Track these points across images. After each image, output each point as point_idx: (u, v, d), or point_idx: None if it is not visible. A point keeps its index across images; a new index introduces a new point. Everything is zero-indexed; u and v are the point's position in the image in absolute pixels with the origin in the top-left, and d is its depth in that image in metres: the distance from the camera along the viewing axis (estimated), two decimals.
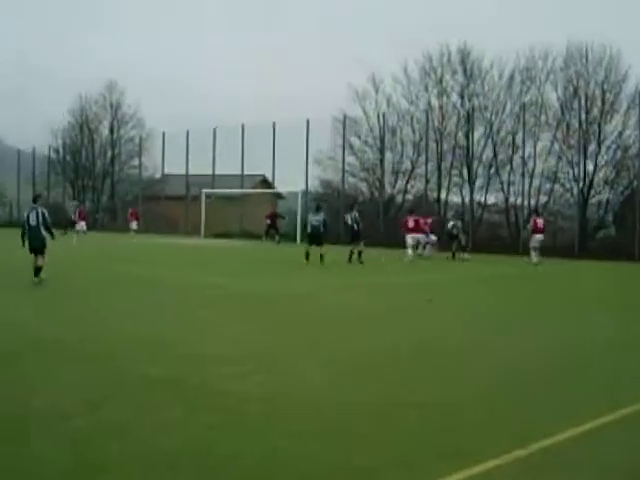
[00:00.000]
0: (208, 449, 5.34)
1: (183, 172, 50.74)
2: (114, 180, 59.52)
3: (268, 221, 40.54)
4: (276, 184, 47.96)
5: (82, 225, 38.76)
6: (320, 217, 23.72)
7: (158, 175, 55.16)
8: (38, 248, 15.79)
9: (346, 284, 18.15)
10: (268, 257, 28.26)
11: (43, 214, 15.96)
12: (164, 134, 51.98)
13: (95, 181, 60.25)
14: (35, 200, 16.71)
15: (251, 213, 46.40)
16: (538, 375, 8.07)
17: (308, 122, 42.91)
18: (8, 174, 64.08)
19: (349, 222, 25.47)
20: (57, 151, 61.21)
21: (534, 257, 26.57)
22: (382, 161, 42.77)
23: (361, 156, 44.66)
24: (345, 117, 43.12)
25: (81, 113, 61.04)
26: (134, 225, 43.12)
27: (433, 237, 30.44)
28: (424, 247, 29.31)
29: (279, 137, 44.98)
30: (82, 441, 5.47)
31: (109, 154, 60.08)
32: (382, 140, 42.92)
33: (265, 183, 50.79)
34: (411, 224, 27.74)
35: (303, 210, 41.93)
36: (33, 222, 15.87)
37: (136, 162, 57.16)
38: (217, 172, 48.51)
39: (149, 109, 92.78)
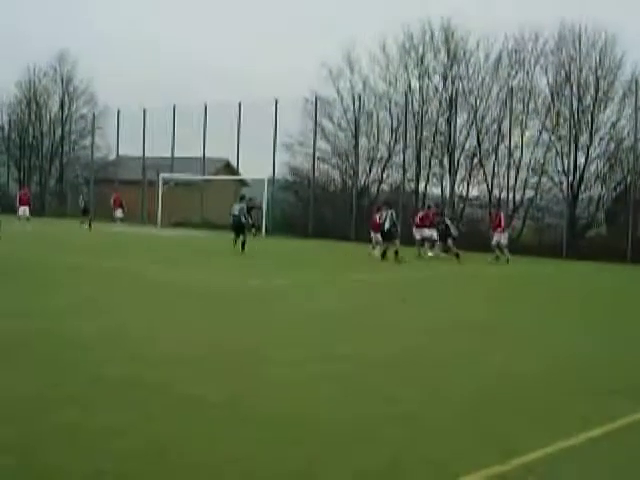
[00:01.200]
0: (163, 457, 5.15)
1: (139, 154, 48.71)
2: (63, 161, 57.30)
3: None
4: (241, 170, 46.50)
5: (24, 210, 37.07)
6: (240, 206, 25.45)
7: (112, 157, 53.01)
8: None
9: (329, 280, 17.89)
10: (227, 250, 26.97)
11: None
12: (119, 112, 49.74)
13: (42, 162, 58.01)
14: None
15: (213, 201, 44.81)
16: (523, 384, 7.97)
17: (276, 102, 41.43)
18: None
19: (386, 221, 24.84)
20: (2, 128, 58.94)
21: (506, 252, 27.28)
22: (356, 147, 41.34)
23: (334, 141, 43.10)
24: (317, 98, 41.63)
25: (29, 87, 58.67)
26: (119, 213, 41.77)
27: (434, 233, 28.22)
28: (432, 245, 27.79)
29: (245, 118, 43.54)
30: (29, 446, 5.22)
31: (58, 132, 57.76)
32: (357, 124, 41.50)
33: (228, 168, 49.25)
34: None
35: (269, 199, 40.63)
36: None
37: (88, 142, 55.00)
38: (176, 155, 46.74)
39: (104, 82, 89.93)
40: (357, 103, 41.49)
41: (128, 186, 48.49)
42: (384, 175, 41.84)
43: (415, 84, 40.91)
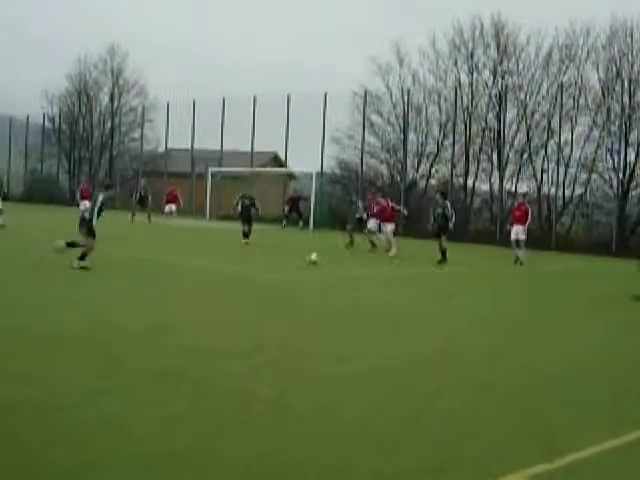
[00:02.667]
0: (211, 450, 5.38)
1: (188, 147, 50.60)
2: (113, 153, 59.51)
3: (287, 206, 40.57)
4: (289, 163, 47.89)
5: (85, 204, 37.18)
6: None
7: (161, 149, 54.96)
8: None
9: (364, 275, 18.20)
10: (278, 243, 28.32)
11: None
12: (168, 104, 51.78)
13: (92, 154, 60.32)
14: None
15: (260, 194, 46.27)
16: (563, 384, 8.23)
17: (326, 96, 42.76)
18: None
19: (444, 213, 22.93)
20: (52, 120, 61.33)
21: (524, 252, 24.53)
22: (405, 142, 42.56)
23: (382, 136, 44.50)
24: (366, 92, 42.96)
25: (80, 79, 61.11)
26: (171, 208, 40.17)
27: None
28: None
29: (293, 111, 44.89)
30: (75, 436, 5.50)
31: (108, 124, 60.10)
32: (406, 119, 42.70)
33: (276, 161, 50.72)
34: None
35: (318, 192, 41.89)
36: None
37: (137, 134, 57.15)
38: (225, 148, 48.45)
39: (153, 77, 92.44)
40: (406, 98, 42.64)
41: (177, 179, 50.29)
42: (432, 170, 43.16)
43: (465, 79, 42.15)
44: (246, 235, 26.13)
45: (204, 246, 25.90)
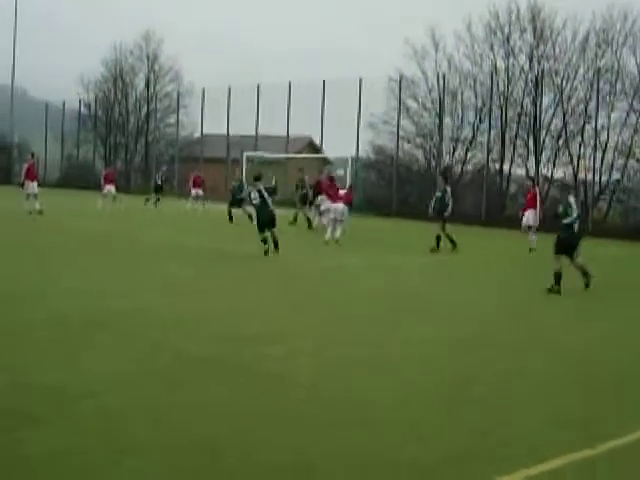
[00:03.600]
0: (249, 435, 5.59)
1: (223, 132, 51.49)
2: (148, 139, 60.66)
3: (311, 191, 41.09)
4: (324, 148, 48.52)
5: (110, 188, 36.92)
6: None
7: (196, 135, 55.93)
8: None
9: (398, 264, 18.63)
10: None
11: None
12: (204, 90, 52.69)
13: (128, 139, 61.51)
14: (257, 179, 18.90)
15: (295, 179, 46.92)
16: (601, 370, 8.49)
17: (361, 81, 43.35)
18: (33, 129, 65.29)
19: (442, 197, 21.92)
20: (88, 106, 62.59)
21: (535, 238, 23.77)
22: (440, 127, 43.07)
23: (418, 120, 45.04)
24: (401, 77, 43.49)
25: (115, 65, 62.30)
26: (197, 192, 38.85)
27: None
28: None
29: (329, 97, 45.47)
30: (111, 422, 5.75)
31: (144, 110, 61.35)
32: (441, 104, 43.17)
33: (312, 146, 51.41)
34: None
35: (353, 178, 42.41)
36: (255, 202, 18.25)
37: (172, 120, 58.28)
38: (260, 133, 49.30)
39: (188, 63, 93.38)
40: (442, 82, 43.08)
41: (212, 164, 51.25)
42: (468, 155, 43.66)
43: (500, 64, 42.62)
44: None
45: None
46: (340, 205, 22.75)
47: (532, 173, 40.28)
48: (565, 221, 14.34)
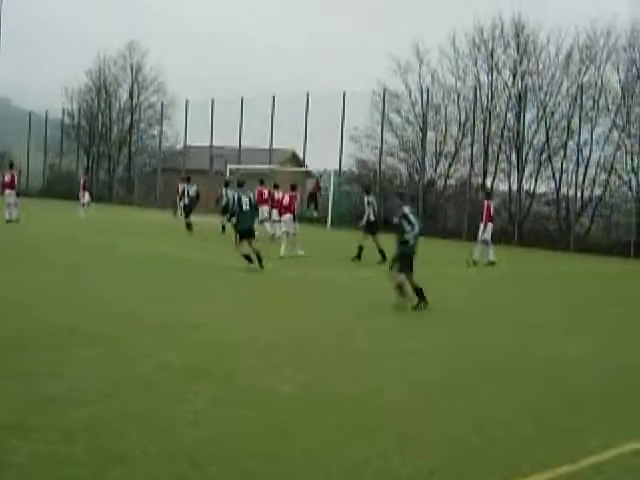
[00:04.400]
0: (235, 446, 5.68)
1: (206, 144, 51.78)
2: (131, 149, 60.82)
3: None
4: (307, 161, 48.91)
5: (86, 196, 38.37)
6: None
7: (179, 146, 56.25)
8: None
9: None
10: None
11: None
12: (187, 102, 53.11)
13: (111, 149, 61.61)
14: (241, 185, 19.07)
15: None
16: (594, 387, 8.60)
17: (344, 95, 43.81)
18: (16, 138, 65.36)
19: (367, 209, 22.34)
20: (72, 115, 62.82)
21: (492, 254, 23.63)
22: (424, 141, 43.39)
23: (401, 134, 45.33)
24: (385, 91, 43.84)
25: (99, 75, 62.45)
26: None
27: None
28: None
29: (312, 110, 45.82)
30: (98, 431, 5.82)
31: (127, 121, 61.54)
32: (425, 118, 43.55)
33: (295, 159, 51.63)
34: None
35: (336, 191, 42.68)
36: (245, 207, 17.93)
37: (156, 131, 58.66)
38: (243, 146, 49.56)
39: (172, 73, 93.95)
40: (425, 97, 43.49)
41: (195, 175, 51.21)
42: (451, 170, 43.98)
43: (484, 78, 43.05)
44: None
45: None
46: (287, 216, 22.52)
47: (515, 187, 40.48)
48: (407, 237, 13.20)
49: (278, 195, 26.46)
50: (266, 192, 29.86)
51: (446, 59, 44.10)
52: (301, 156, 49.33)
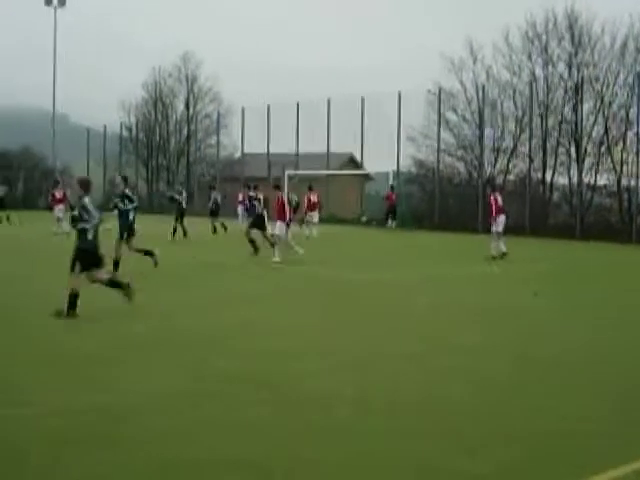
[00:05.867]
0: (297, 453, 5.80)
1: (263, 151, 53.04)
2: (190, 160, 62.48)
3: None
4: (365, 164, 49.73)
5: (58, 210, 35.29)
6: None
7: (237, 154, 57.64)
8: None
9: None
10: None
11: None
12: (243, 110, 54.39)
13: (169, 161, 63.41)
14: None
15: (337, 196, 48.16)
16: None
17: (400, 95, 44.70)
18: (75, 154, 67.28)
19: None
20: (129, 129, 64.77)
21: (502, 246, 24.13)
22: (481, 138, 44.06)
23: (458, 132, 46.00)
24: (440, 90, 44.58)
25: (155, 87, 64.47)
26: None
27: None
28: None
29: (368, 112, 46.87)
30: (154, 441, 6.02)
31: (184, 131, 63.40)
32: (481, 115, 44.18)
33: (352, 163, 52.53)
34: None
35: (397, 192, 43.25)
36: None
37: (213, 140, 60.18)
38: (301, 150, 50.76)
39: (227, 84, 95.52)
40: (481, 94, 44.15)
41: (254, 183, 52.36)
42: (510, 165, 44.54)
43: (539, 72, 43.54)
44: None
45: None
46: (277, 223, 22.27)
47: (575, 180, 40.80)
48: (83, 226, 12.07)
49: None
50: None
51: (500, 55, 44.69)
52: (359, 159, 50.28)
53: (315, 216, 33.99)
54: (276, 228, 21.77)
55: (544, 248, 29.88)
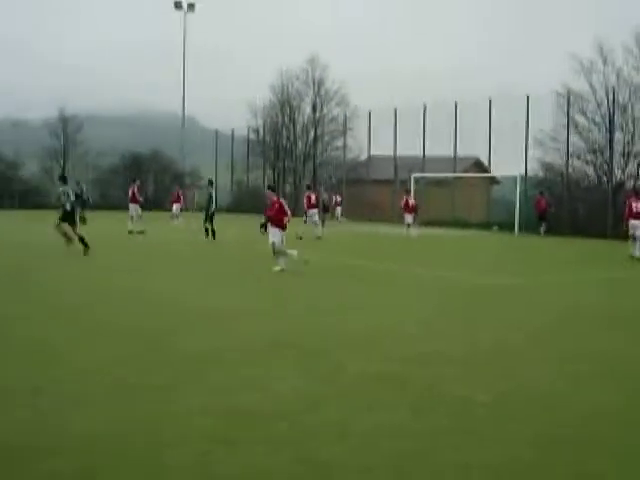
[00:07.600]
0: (434, 456, 5.82)
1: (390, 154, 54.48)
2: (316, 163, 64.62)
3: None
4: (492, 167, 50.41)
5: (176, 208, 43.60)
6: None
7: (363, 157, 59.40)
8: None
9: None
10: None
11: None
12: (370, 113, 56.15)
13: (296, 163, 65.71)
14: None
15: (463, 199, 49.09)
16: None
17: (528, 98, 45.46)
18: (204, 156, 70.16)
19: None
20: (257, 131, 67.48)
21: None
22: (611, 142, 44.18)
23: (587, 136, 46.16)
24: (569, 92, 45.04)
25: (282, 90, 66.88)
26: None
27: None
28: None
29: (495, 115, 47.85)
30: (299, 442, 6.05)
31: (311, 134, 65.59)
32: (611, 118, 44.33)
33: (478, 166, 53.37)
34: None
35: (522, 197, 43.98)
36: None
37: (340, 143, 62.01)
38: (427, 154, 51.96)
39: (352, 87, 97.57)
40: (611, 96, 44.31)
41: (379, 186, 54.10)
42: None
43: None
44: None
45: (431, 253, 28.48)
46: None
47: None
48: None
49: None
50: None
51: (631, 57, 44.73)
52: (485, 162, 51.20)
53: (315, 215, 33.42)
54: (272, 235, 19.50)
55: None
